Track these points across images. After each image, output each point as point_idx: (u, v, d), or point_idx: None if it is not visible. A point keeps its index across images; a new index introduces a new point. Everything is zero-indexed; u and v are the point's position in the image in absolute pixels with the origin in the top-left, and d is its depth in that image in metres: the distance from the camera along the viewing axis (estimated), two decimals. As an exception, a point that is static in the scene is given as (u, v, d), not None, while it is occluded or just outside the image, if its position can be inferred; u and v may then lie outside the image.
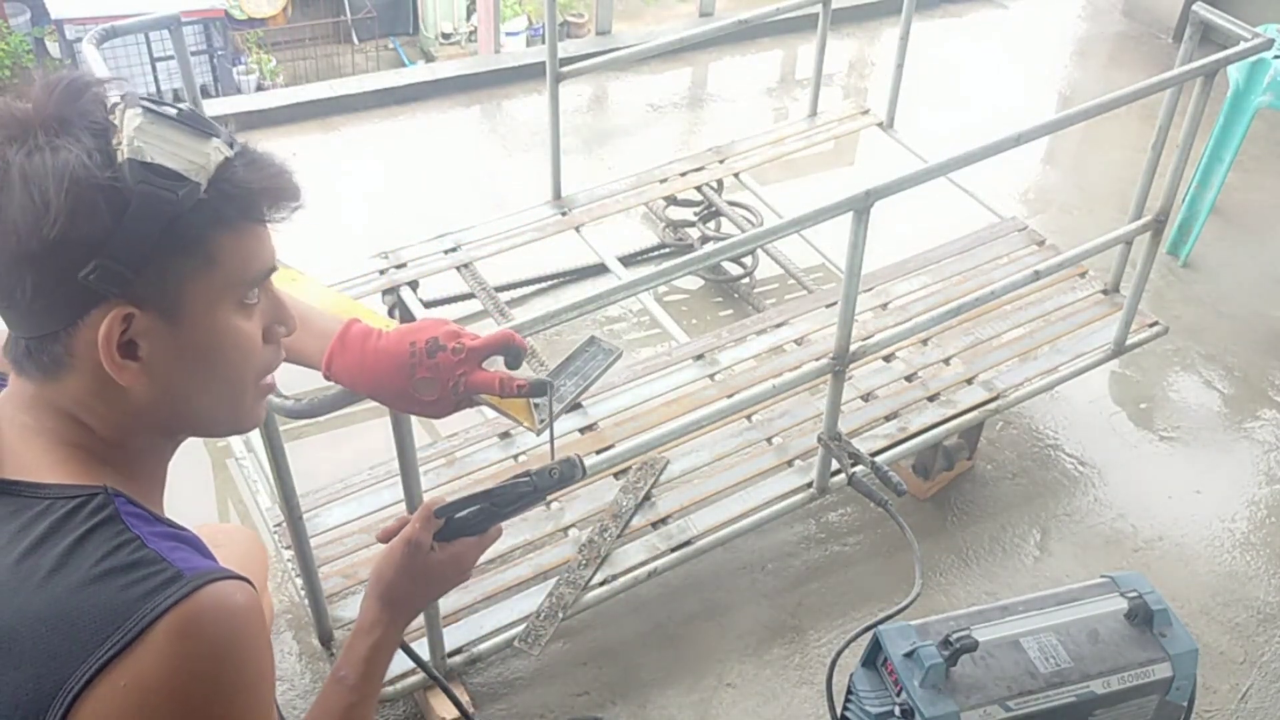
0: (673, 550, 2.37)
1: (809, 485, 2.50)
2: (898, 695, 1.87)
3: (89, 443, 0.97)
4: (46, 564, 0.89)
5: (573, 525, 2.41)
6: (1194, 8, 2.47)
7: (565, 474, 1.27)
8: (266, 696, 0.97)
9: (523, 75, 4.50)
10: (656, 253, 3.56)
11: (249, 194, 0.94)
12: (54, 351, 0.93)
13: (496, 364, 1.39)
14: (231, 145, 0.95)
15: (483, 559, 2.36)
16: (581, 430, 2.59)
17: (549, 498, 2.33)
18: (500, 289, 3.21)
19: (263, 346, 1.03)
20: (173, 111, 0.93)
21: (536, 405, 1.40)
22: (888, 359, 2.80)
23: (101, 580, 0.88)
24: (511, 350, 1.37)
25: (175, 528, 0.99)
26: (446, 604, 2.19)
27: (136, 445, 1.00)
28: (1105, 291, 3.03)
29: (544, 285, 3.40)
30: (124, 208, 0.87)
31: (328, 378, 1.37)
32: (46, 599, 0.88)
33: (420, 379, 1.32)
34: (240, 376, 1.01)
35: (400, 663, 2.14)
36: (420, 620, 2.09)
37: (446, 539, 1.25)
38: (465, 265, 3.05)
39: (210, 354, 0.97)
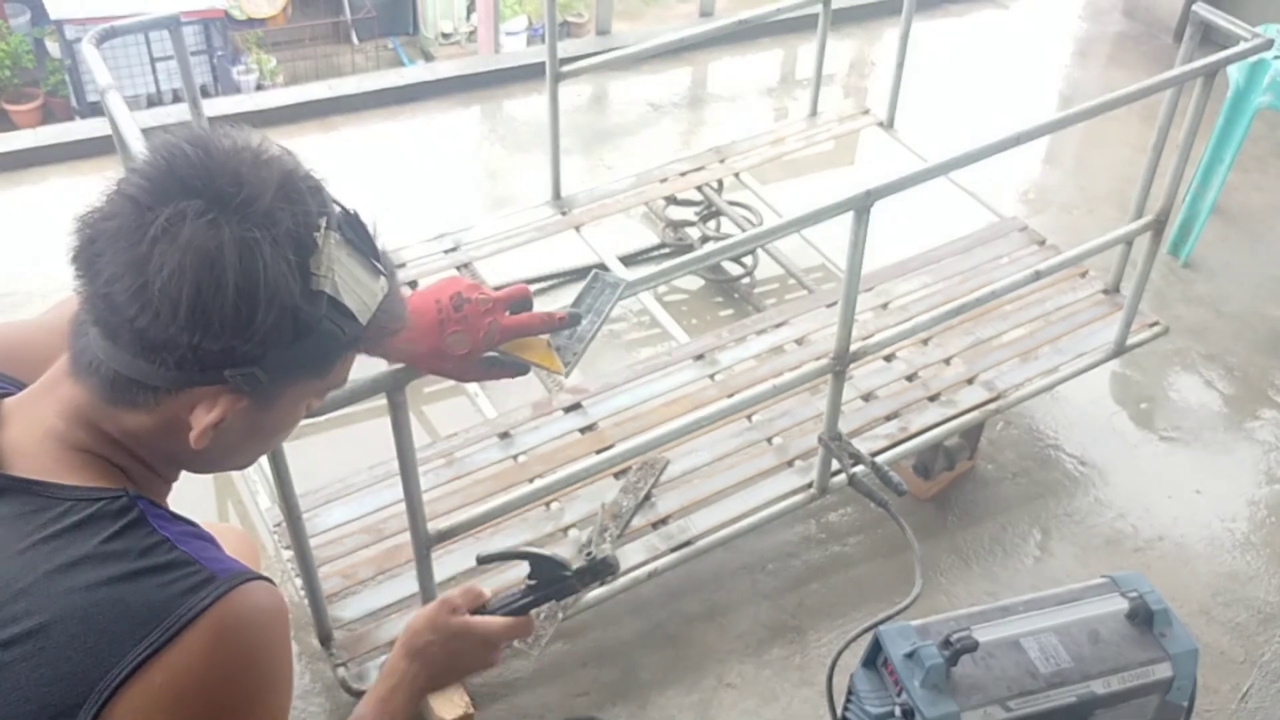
0: (673, 550, 2.37)
1: (809, 485, 2.50)
2: (898, 695, 1.87)
3: (112, 456, 0.98)
4: (77, 562, 0.90)
5: (573, 525, 2.40)
6: (1194, 8, 2.47)
7: (604, 568, 1.32)
8: (288, 696, 0.99)
9: (523, 75, 4.50)
10: (656, 252, 3.56)
11: (381, 334, 1.00)
12: (139, 396, 0.94)
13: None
14: (390, 281, 0.99)
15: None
16: (581, 430, 2.58)
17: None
18: (499, 289, 3.21)
19: None
20: (357, 235, 0.96)
21: (558, 349, 1.44)
22: (888, 359, 2.80)
23: (137, 578, 0.90)
24: (524, 303, 1.44)
25: (193, 525, 1.01)
26: (446, 604, 2.19)
27: (157, 470, 1.02)
28: (1106, 291, 3.03)
29: (544, 285, 3.40)
30: (303, 336, 0.91)
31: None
32: (81, 596, 0.89)
33: (452, 334, 1.37)
34: (273, 446, 1.11)
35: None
36: (420, 620, 2.08)
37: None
38: (465, 265, 3.05)
39: (272, 434, 1.03)
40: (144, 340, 0.89)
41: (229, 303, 0.86)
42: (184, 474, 1.07)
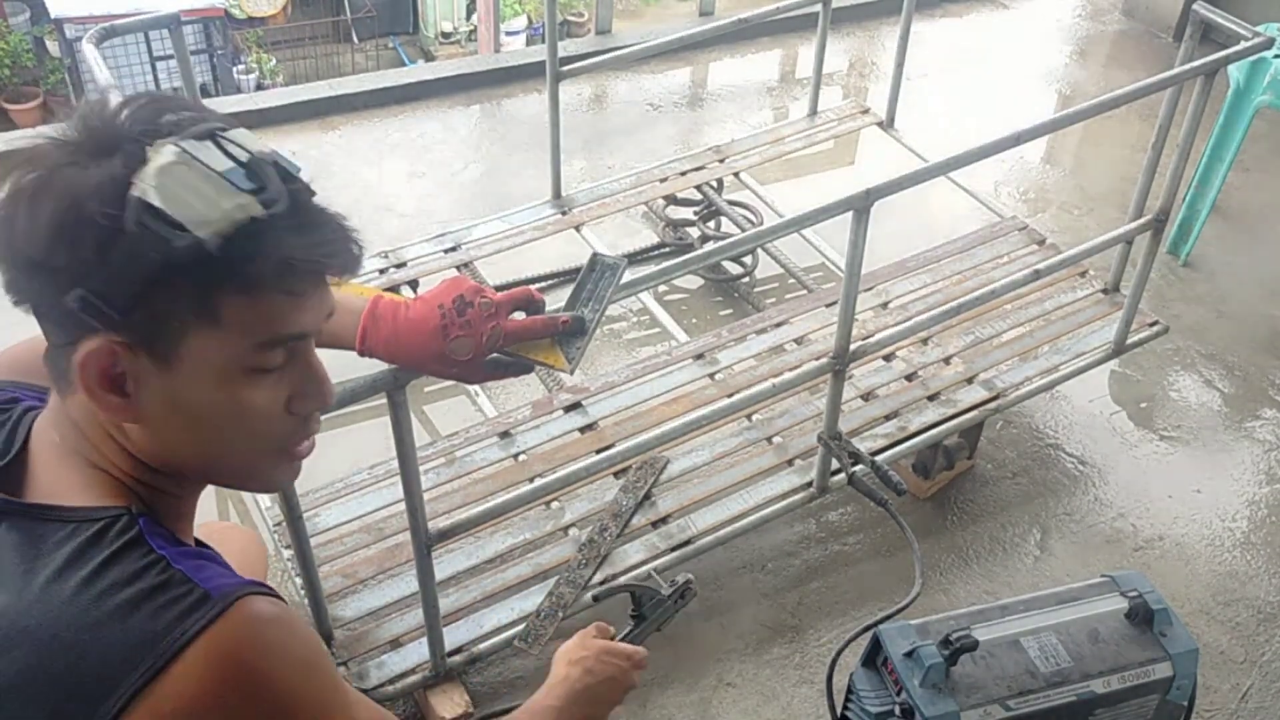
0: (673, 550, 2.37)
1: (809, 485, 2.50)
2: (898, 695, 1.87)
3: (110, 466, 0.95)
4: (71, 590, 0.87)
5: (573, 525, 2.41)
6: (1194, 7, 2.47)
7: (688, 590, 1.57)
8: (327, 677, 0.95)
9: (523, 74, 4.50)
10: (656, 252, 3.56)
11: (273, 262, 0.87)
12: (61, 365, 0.91)
13: None
14: (271, 205, 0.86)
15: (482, 558, 2.36)
16: (581, 430, 2.58)
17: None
18: (500, 288, 3.21)
19: (280, 417, 0.95)
20: (233, 158, 0.87)
21: (561, 344, 1.44)
22: (888, 358, 2.80)
23: (129, 606, 0.87)
24: (534, 305, 1.42)
25: (196, 546, 0.98)
26: (447, 604, 2.19)
27: (152, 481, 0.97)
28: (1105, 291, 3.03)
29: (544, 285, 3.40)
30: (111, 242, 0.83)
31: (362, 353, 1.38)
32: (74, 626, 0.86)
33: (455, 339, 1.35)
34: (246, 445, 0.95)
35: (400, 662, 2.14)
36: (420, 620, 2.09)
37: None
38: (465, 265, 3.05)
39: (208, 414, 0.92)
40: (14, 290, 0.89)
41: (24, 209, 0.85)
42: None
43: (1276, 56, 3.39)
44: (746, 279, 3.44)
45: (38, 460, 0.96)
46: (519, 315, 1.42)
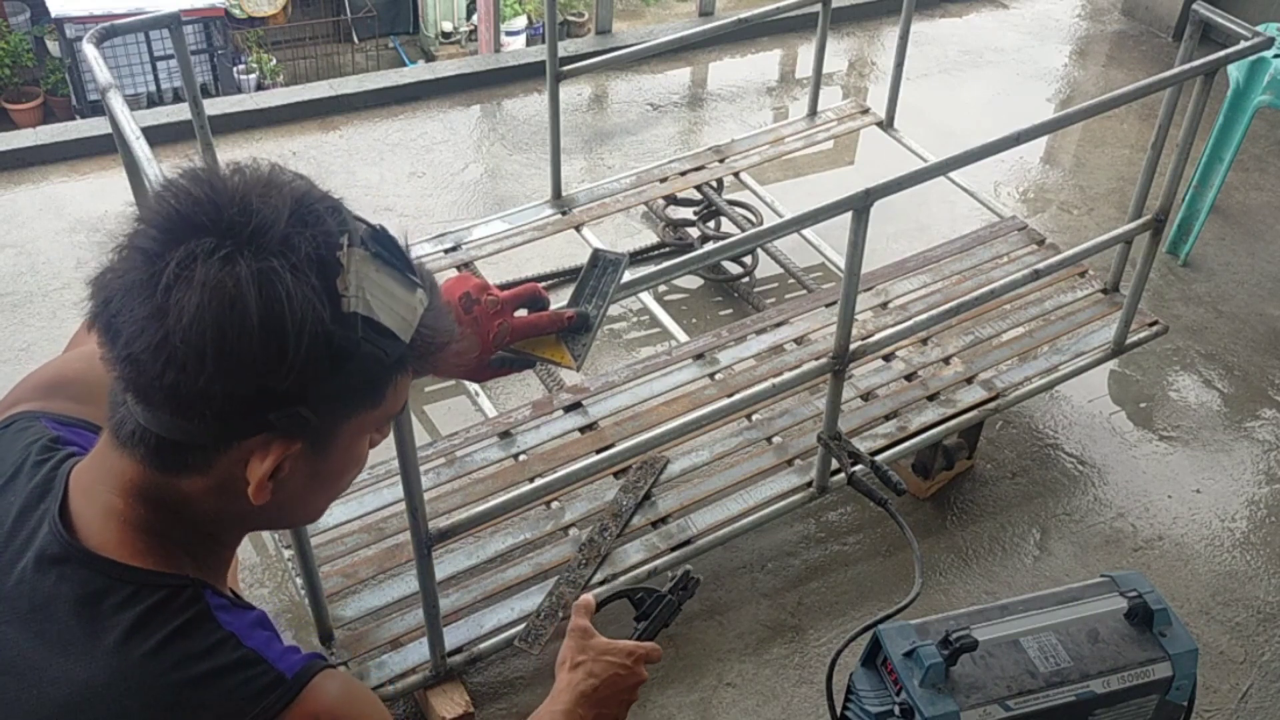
0: (673, 550, 2.37)
1: (809, 485, 2.50)
2: (897, 695, 1.87)
3: (175, 533, 0.92)
4: (142, 657, 0.86)
5: (573, 525, 2.41)
6: (1194, 6, 2.47)
7: (691, 583, 1.52)
8: None
9: (523, 74, 4.50)
10: (656, 252, 3.57)
11: (432, 349, 0.91)
12: (189, 458, 0.87)
13: None
14: (429, 292, 0.91)
15: (482, 558, 2.37)
16: (581, 430, 2.59)
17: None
18: (503, 288, 3.21)
19: None
20: (385, 249, 0.88)
21: (567, 342, 1.43)
22: (887, 358, 2.81)
23: (205, 680, 0.87)
24: (538, 302, 1.40)
25: (251, 608, 0.98)
26: (447, 604, 2.19)
27: (223, 539, 0.97)
28: (1105, 291, 3.03)
29: (544, 285, 3.40)
30: (342, 364, 0.84)
31: None
32: (148, 696, 0.86)
33: (462, 337, 1.34)
34: (342, 490, 0.99)
35: (400, 662, 2.15)
36: (420, 619, 2.09)
37: None
38: (465, 265, 3.05)
39: (337, 477, 0.95)
40: (178, 397, 0.82)
41: (256, 340, 0.80)
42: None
43: (1276, 56, 3.39)
44: (746, 279, 3.45)
45: (83, 513, 0.92)
46: (523, 312, 1.42)
